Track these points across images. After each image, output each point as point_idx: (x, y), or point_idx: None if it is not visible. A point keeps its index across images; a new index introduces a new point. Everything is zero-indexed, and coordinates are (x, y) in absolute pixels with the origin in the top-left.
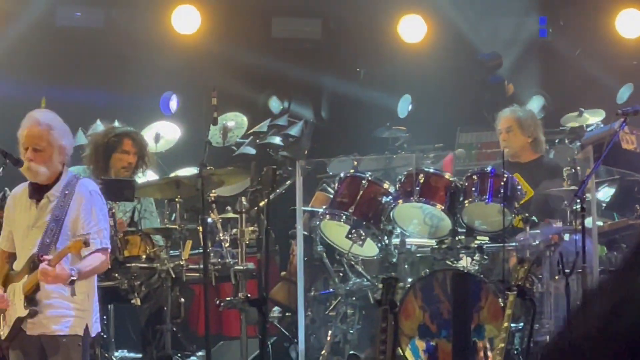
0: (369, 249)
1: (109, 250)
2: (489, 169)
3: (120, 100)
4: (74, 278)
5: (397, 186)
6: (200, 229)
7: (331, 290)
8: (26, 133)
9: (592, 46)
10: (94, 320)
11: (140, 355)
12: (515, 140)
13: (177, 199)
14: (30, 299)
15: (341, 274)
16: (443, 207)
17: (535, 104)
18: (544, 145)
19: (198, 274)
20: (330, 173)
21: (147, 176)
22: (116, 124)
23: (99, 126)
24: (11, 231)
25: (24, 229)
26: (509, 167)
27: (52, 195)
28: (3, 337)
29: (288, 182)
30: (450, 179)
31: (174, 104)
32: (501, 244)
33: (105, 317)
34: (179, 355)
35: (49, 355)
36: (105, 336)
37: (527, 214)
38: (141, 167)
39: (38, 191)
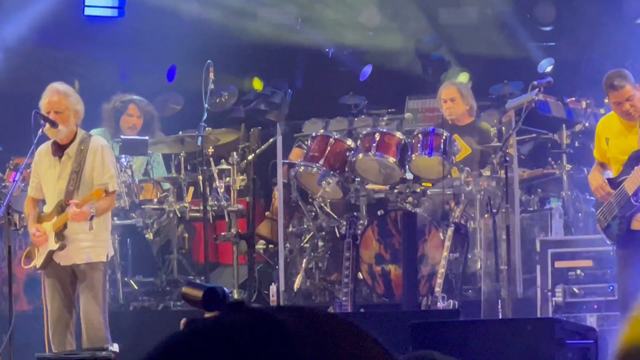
0: (336, 193)
1: (117, 191)
2: (430, 129)
3: (133, 69)
4: (93, 214)
5: (358, 143)
6: (201, 177)
7: (305, 226)
8: (47, 100)
9: (516, 30)
10: (109, 247)
11: (152, 279)
12: (458, 108)
13: (181, 154)
14: (59, 235)
15: (313, 214)
16: (395, 160)
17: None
18: (475, 111)
19: (199, 214)
20: (304, 132)
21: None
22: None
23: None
24: (39, 182)
25: (53, 181)
26: (450, 128)
27: (71, 151)
28: (38, 266)
29: (271, 140)
30: (401, 137)
31: (175, 74)
32: (441, 189)
33: (125, 248)
34: (183, 279)
35: (79, 280)
36: (124, 264)
37: (462, 165)
38: (150, 129)
39: (59, 150)
